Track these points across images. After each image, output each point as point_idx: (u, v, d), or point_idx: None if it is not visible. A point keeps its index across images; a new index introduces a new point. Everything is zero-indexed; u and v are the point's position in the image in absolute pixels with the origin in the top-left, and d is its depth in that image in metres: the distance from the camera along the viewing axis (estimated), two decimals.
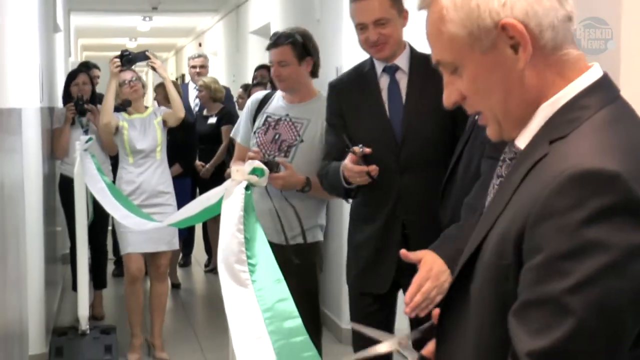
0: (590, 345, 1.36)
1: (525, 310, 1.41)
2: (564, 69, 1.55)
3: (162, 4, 13.51)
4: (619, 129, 1.48)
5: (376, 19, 3.39)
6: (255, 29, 11.42)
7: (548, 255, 1.38)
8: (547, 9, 1.50)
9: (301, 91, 4.37)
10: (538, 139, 1.54)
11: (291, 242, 4.11)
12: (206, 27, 17.38)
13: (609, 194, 1.36)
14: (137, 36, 20.65)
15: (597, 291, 1.35)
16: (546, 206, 1.40)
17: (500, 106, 1.57)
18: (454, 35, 1.53)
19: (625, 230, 1.35)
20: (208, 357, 6.34)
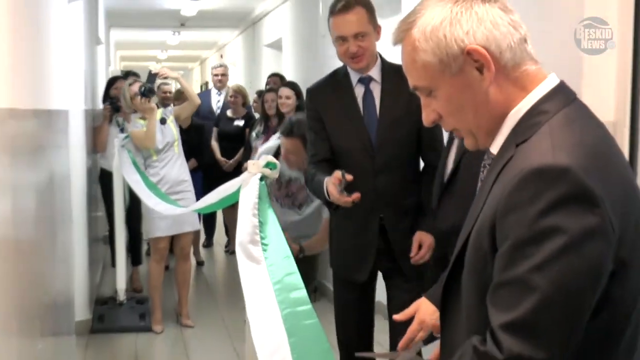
0: (553, 316, 1.37)
1: (497, 291, 1.42)
2: (525, 82, 1.54)
3: (189, 20, 13.48)
4: (574, 128, 1.48)
5: (356, 33, 3.28)
6: (269, 43, 11.41)
7: (513, 243, 1.39)
8: (504, 34, 1.51)
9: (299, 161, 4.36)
10: (507, 144, 1.54)
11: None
12: (227, 40, 17.34)
13: (561, 186, 1.37)
14: (167, 48, 20.59)
15: (557, 269, 1.35)
16: (510, 200, 1.41)
17: (473, 121, 1.57)
18: (426, 62, 1.53)
19: (577, 216, 1.36)
20: (228, 325, 6.34)
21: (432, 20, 1.52)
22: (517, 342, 1.37)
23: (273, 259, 2.67)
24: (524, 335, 1.37)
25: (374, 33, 3.34)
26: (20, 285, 2.73)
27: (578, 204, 1.37)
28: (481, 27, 1.50)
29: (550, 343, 1.37)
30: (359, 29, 3.27)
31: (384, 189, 3.38)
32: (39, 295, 3.20)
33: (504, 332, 1.38)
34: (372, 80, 3.43)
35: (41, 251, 3.33)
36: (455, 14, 1.51)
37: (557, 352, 1.38)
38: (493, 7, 1.53)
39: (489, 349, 1.40)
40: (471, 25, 1.50)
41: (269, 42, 11.46)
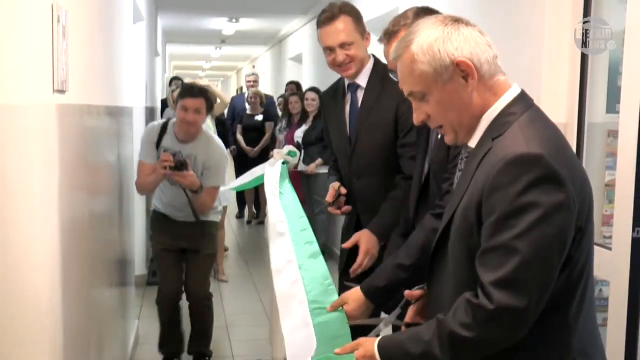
0: (531, 273, 1.42)
1: (486, 255, 1.46)
2: (497, 90, 1.58)
3: (228, 38, 13.49)
4: (537, 126, 1.53)
5: (342, 43, 2.77)
6: (292, 57, 11.41)
7: (498, 216, 1.43)
8: (484, 51, 1.55)
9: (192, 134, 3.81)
10: (484, 139, 1.56)
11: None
12: (259, 54, 17.33)
13: (536, 170, 1.41)
14: (210, 60, 20.60)
15: (534, 236, 1.40)
16: (494, 182, 1.44)
17: (457, 120, 1.58)
18: (423, 72, 1.54)
19: (549, 194, 1.41)
20: (255, 280, 6.39)
21: (428, 39, 1.54)
22: (504, 294, 1.42)
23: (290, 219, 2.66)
24: (509, 289, 1.42)
25: (362, 40, 2.85)
26: (94, 247, 2.76)
27: (549, 184, 1.41)
28: (467, 44, 1.53)
29: (530, 294, 1.42)
30: (344, 39, 2.78)
31: (361, 193, 2.87)
32: (108, 255, 3.23)
33: (493, 287, 1.43)
34: (359, 88, 2.91)
35: (111, 219, 3.36)
36: (447, 34, 1.54)
37: (534, 301, 1.42)
38: (474, 30, 1.57)
39: (481, 302, 1.44)
40: (459, 43, 1.53)
41: (292, 56, 11.46)
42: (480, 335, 1.46)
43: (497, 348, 1.48)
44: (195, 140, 3.83)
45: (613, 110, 2.84)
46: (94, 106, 2.79)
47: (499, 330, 1.45)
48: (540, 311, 1.45)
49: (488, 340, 1.47)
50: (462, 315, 1.47)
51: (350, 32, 2.78)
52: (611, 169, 2.86)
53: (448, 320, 1.49)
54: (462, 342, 1.47)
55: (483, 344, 1.47)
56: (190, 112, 3.71)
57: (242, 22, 11.27)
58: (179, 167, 3.65)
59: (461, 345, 1.48)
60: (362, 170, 2.86)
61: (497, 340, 1.47)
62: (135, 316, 4.75)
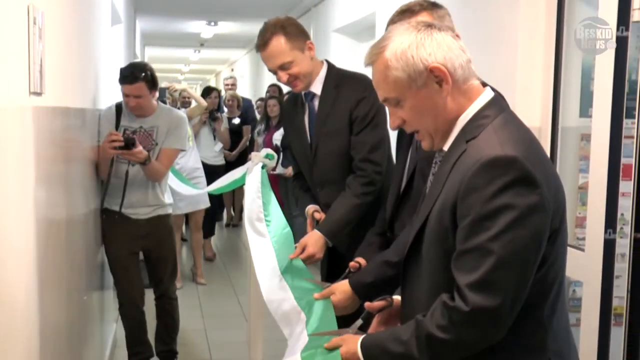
0: (507, 274, 1.41)
1: (461, 257, 1.46)
2: (471, 94, 1.57)
3: (207, 42, 13.46)
4: (511, 129, 1.53)
5: (279, 65, 2.70)
6: None
7: (473, 218, 1.43)
8: (457, 55, 1.54)
9: (148, 109, 3.77)
10: (457, 141, 1.55)
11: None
12: (237, 58, 17.30)
13: (511, 172, 1.41)
14: (189, 63, 20.52)
15: (509, 238, 1.40)
16: (469, 184, 1.44)
17: (432, 125, 1.57)
18: (397, 78, 1.53)
19: (524, 195, 1.41)
20: (233, 283, 6.37)
21: (402, 44, 1.53)
22: (479, 296, 1.41)
23: (275, 232, 2.68)
24: (484, 291, 1.41)
25: (304, 54, 2.72)
26: (71, 248, 2.73)
27: (524, 186, 1.41)
28: (440, 49, 1.52)
29: (505, 295, 1.42)
30: (281, 60, 2.69)
31: (326, 201, 2.80)
32: (86, 256, 3.20)
33: (468, 289, 1.42)
34: (315, 96, 2.82)
35: (88, 221, 3.33)
36: (420, 39, 1.53)
37: (509, 302, 1.42)
38: (447, 35, 1.55)
39: (457, 304, 1.44)
40: (432, 48, 1.52)
41: None
42: (457, 337, 1.46)
43: (474, 349, 1.48)
44: (155, 113, 3.82)
45: (586, 114, 2.87)
46: (70, 108, 2.76)
47: (475, 332, 1.45)
48: (516, 312, 1.45)
49: (465, 342, 1.47)
50: (439, 317, 1.47)
51: (286, 52, 2.69)
52: (584, 172, 2.90)
53: (426, 321, 1.50)
54: (439, 343, 1.47)
55: (460, 346, 1.48)
56: (131, 98, 3.67)
57: (220, 25, 11.25)
58: (128, 146, 3.52)
59: (438, 346, 1.48)
60: (324, 180, 2.82)
61: (474, 341, 1.47)
62: (113, 319, 4.71)
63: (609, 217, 2.51)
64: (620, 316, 2.54)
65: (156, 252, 3.95)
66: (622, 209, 2.52)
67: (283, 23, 2.71)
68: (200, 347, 4.76)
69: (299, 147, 2.92)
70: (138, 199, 3.80)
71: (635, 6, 2.42)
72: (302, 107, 2.88)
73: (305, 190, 2.96)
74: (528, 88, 3.07)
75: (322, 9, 7.63)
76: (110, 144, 3.50)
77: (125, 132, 3.73)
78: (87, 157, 3.37)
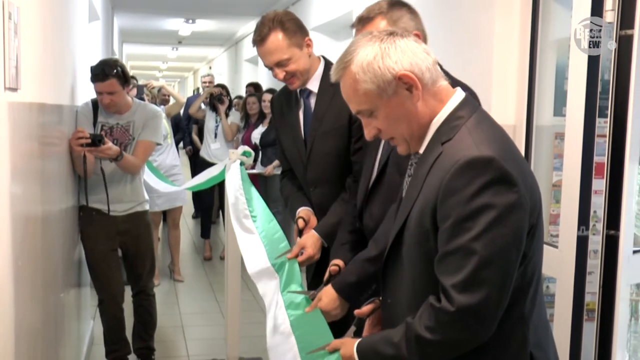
0: (490, 273, 1.42)
1: (445, 258, 1.46)
2: (441, 95, 1.58)
3: (185, 39, 13.38)
4: (485, 128, 1.53)
5: (276, 62, 2.58)
6: (248, 58, 11.38)
7: (454, 220, 1.43)
8: (422, 59, 1.54)
9: (123, 106, 3.74)
10: (433, 144, 1.56)
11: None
12: (215, 55, 17.23)
13: (488, 172, 1.42)
14: (167, 61, 20.42)
15: (491, 237, 1.41)
16: (448, 187, 1.44)
17: (407, 131, 1.58)
18: (367, 90, 1.53)
19: (502, 194, 1.42)
20: (211, 280, 6.34)
21: (367, 57, 1.53)
22: (464, 296, 1.42)
23: (262, 226, 2.67)
24: (469, 290, 1.42)
25: (302, 51, 2.61)
26: (48, 245, 2.70)
27: (502, 185, 1.42)
28: (405, 56, 1.52)
29: (490, 293, 1.42)
30: (278, 57, 2.58)
31: (319, 201, 2.71)
32: (63, 253, 3.16)
33: (454, 290, 1.43)
34: (311, 93, 2.71)
35: (66, 218, 3.28)
36: (384, 49, 1.52)
37: (495, 300, 1.44)
38: (410, 40, 1.55)
39: (443, 305, 1.45)
40: (398, 56, 1.52)
41: (248, 57, 11.42)
42: (445, 337, 1.47)
43: (463, 349, 1.49)
44: (131, 109, 3.79)
45: (560, 113, 2.89)
46: (47, 105, 2.72)
47: (462, 331, 1.46)
48: (502, 310, 1.46)
49: (454, 342, 1.48)
50: (427, 318, 1.48)
51: (284, 48, 2.57)
52: (558, 170, 2.92)
53: (414, 323, 1.50)
54: (429, 344, 1.48)
55: (449, 346, 1.48)
56: (105, 95, 3.64)
57: (198, 23, 11.19)
58: (95, 143, 3.45)
59: (427, 347, 1.49)
60: (319, 179, 2.71)
61: (462, 341, 1.48)
62: (90, 316, 4.66)
63: (582, 214, 2.53)
64: (592, 311, 2.56)
65: (134, 248, 3.92)
66: (594, 207, 2.55)
67: (282, 18, 2.60)
68: (177, 344, 4.73)
69: (292, 144, 2.78)
70: (116, 195, 3.77)
71: (607, 7, 2.44)
72: (296, 104, 2.76)
73: (297, 189, 2.83)
74: (503, 87, 3.09)
75: (300, 7, 7.61)
76: (77, 141, 3.43)
77: (103, 128, 3.69)
78: (64, 153, 3.33)
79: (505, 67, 3.09)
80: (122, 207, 3.81)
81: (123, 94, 3.71)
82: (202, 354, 4.48)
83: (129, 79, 3.79)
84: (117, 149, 3.59)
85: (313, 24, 6.87)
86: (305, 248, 2.52)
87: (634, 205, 2.56)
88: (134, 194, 3.86)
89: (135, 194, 3.86)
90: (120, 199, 3.79)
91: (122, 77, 3.66)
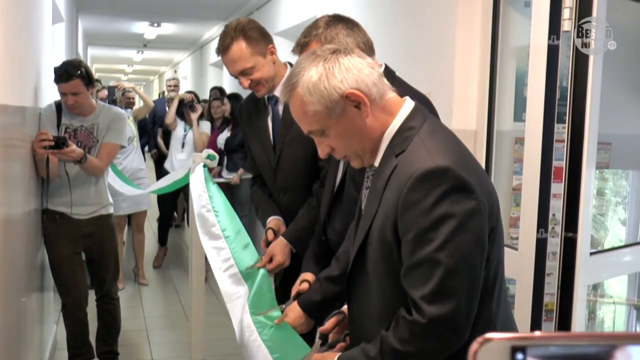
0: (457, 281, 1.42)
1: (411, 271, 1.45)
2: (390, 108, 1.56)
3: (150, 42, 13.25)
4: (438, 137, 1.53)
5: (240, 71, 2.56)
6: (213, 62, 11.32)
7: (416, 232, 1.42)
8: (368, 75, 1.52)
9: (87, 108, 3.68)
10: (387, 156, 1.55)
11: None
12: (180, 59, 17.09)
13: (445, 182, 1.41)
14: (132, 64, 20.17)
15: (454, 245, 1.40)
16: (406, 200, 1.43)
17: (359, 146, 1.57)
18: (316, 111, 1.51)
19: (461, 202, 1.41)
20: (176, 283, 6.28)
21: (312, 78, 1.51)
22: (434, 307, 1.42)
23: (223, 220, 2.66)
24: (438, 300, 1.42)
25: (266, 58, 2.58)
26: (10, 249, 2.64)
27: (460, 193, 1.41)
28: (350, 74, 1.51)
29: (459, 301, 1.42)
30: (242, 66, 2.55)
31: (287, 207, 2.69)
32: (25, 257, 3.10)
33: (423, 301, 1.43)
34: (279, 100, 2.67)
35: (29, 222, 3.22)
36: (328, 69, 1.51)
37: (465, 307, 1.43)
38: (353, 57, 1.54)
39: (414, 317, 1.44)
40: (343, 75, 1.50)
41: (212, 61, 11.36)
42: (420, 348, 1.46)
43: (440, 357, 1.49)
44: (95, 111, 3.74)
45: (520, 119, 2.93)
46: (9, 106, 2.67)
47: (436, 341, 1.46)
48: (474, 315, 1.46)
49: (429, 352, 1.48)
50: (400, 331, 1.47)
51: (247, 57, 2.55)
52: (518, 174, 2.96)
53: (389, 336, 1.49)
54: (404, 356, 1.48)
55: (424, 356, 1.49)
56: (69, 96, 3.58)
57: (163, 26, 11.09)
58: (58, 145, 3.37)
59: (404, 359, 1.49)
60: (288, 185, 2.70)
61: (438, 350, 1.48)
62: (53, 321, 4.58)
63: (541, 217, 2.57)
64: (550, 312, 2.60)
65: (99, 252, 3.86)
66: (553, 210, 2.59)
67: (244, 27, 2.57)
68: (141, 348, 4.67)
69: (260, 151, 2.76)
70: (80, 197, 3.71)
71: (565, 16, 2.48)
72: (264, 110, 2.74)
73: (268, 197, 2.81)
74: (465, 93, 3.12)
75: (265, 12, 7.60)
76: (40, 143, 3.36)
77: (67, 130, 3.64)
78: (27, 155, 3.27)
79: (467, 73, 3.12)
80: (86, 210, 3.75)
81: (87, 95, 3.66)
82: (166, 357, 4.44)
83: (93, 80, 3.74)
84: (81, 152, 3.54)
85: (278, 29, 6.86)
86: (275, 255, 2.52)
87: (591, 208, 2.61)
88: (98, 197, 3.80)
89: (99, 197, 3.80)
90: (84, 202, 3.73)
91: (86, 77, 3.60)
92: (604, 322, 3.43)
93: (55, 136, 3.41)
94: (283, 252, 2.56)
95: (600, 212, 3.32)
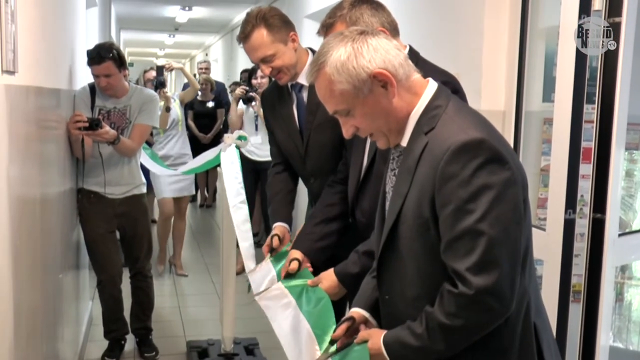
0: (501, 250, 1.42)
1: (453, 243, 1.45)
2: (416, 89, 1.58)
3: (182, 26, 13.32)
4: (465, 114, 1.54)
5: (261, 59, 2.53)
6: None
7: (456, 204, 1.43)
8: (394, 55, 1.53)
9: (120, 90, 3.73)
10: (415, 135, 1.55)
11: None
12: (211, 42, 17.14)
13: (481, 153, 1.43)
14: (164, 47, 20.30)
15: (494, 215, 1.41)
16: (444, 173, 1.44)
17: (385, 126, 1.57)
18: (343, 90, 1.52)
19: (497, 173, 1.42)
20: (207, 261, 6.34)
21: (340, 57, 1.52)
22: (480, 277, 1.42)
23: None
24: (484, 271, 1.42)
25: (287, 46, 2.54)
26: (46, 227, 2.69)
27: (495, 164, 1.43)
28: (378, 54, 1.52)
29: (503, 270, 1.43)
30: (262, 54, 2.52)
31: (317, 192, 2.64)
32: (61, 235, 3.15)
33: (469, 273, 1.43)
34: (303, 87, 2.64)
35: (64, 199, 3.27)
36: (357, 49, 1.52)
37: (509, 276, 1.44)
38: (380, 38, 1.55)
39: (461, 289, 1.44)
40: (370, 54, 1.51)
41: None
42: (468, 320, 1.46)
43: (487, 329, 1.48)
44: (127, 93, 3.78)
45: (549, 99, 2.89)
46: (44, 88, 2.70)
47: (484, 312, 1.45)
48: (518, 284, 1.46)
49: (477, 324, 1.47)
50: (447, 305, 1.47)
51: (267, 44, 2.51)
52: (546, 155, 2.92)
53: (435, 312, 1.49)
54: (453, 330, 1.47)
55: (474, 328, 1.48)
56: (101, 78, 3.63)
57: (194, 10, 11.13)
58: (92, 127, 3.44)
59: (453, 333, 1.48)
60: (317, 171, 2.66)
61: (485, 322, 1.47)
62: (89, 297, 4.66)
63: (569, 198, 2.53)
64: (578, 293, 2.57)
65: (132, 230, 3.91)
66: (581, 191, 2.55)
67: (265, 14, 2.53)
68: (174, 324, 4.73)
69: (287, 138, 2.71)
70: (114, 177, 3.76)
71: None
72: (289, 98, 2.69)
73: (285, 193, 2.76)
74: (493, 74, 3.08)
75: None
76: (74, 124, 3.43)
77: (100, 111, 3.68)
78: (62, 137, 3.31)
79: (495, 54, 3.08)
80: (120, 190, 3.80)
81: (119, 77, 3.69)
82: (198, 333, 4.49)
83: (125, 62, 3.78)
84: (114, 133, 3.58)
85: (308, 11, 6.82)
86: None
87: (619, 189, 2.57)
88: (131, 177, 3.85)
89: (132, 176, 3.85)
90: (118, 181, 3.78)
91: (117, 59, 3.64)
92: (631, 304, 3.39)
93: (90, 118, 3.46)
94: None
95: (628, 194, 3.26)
